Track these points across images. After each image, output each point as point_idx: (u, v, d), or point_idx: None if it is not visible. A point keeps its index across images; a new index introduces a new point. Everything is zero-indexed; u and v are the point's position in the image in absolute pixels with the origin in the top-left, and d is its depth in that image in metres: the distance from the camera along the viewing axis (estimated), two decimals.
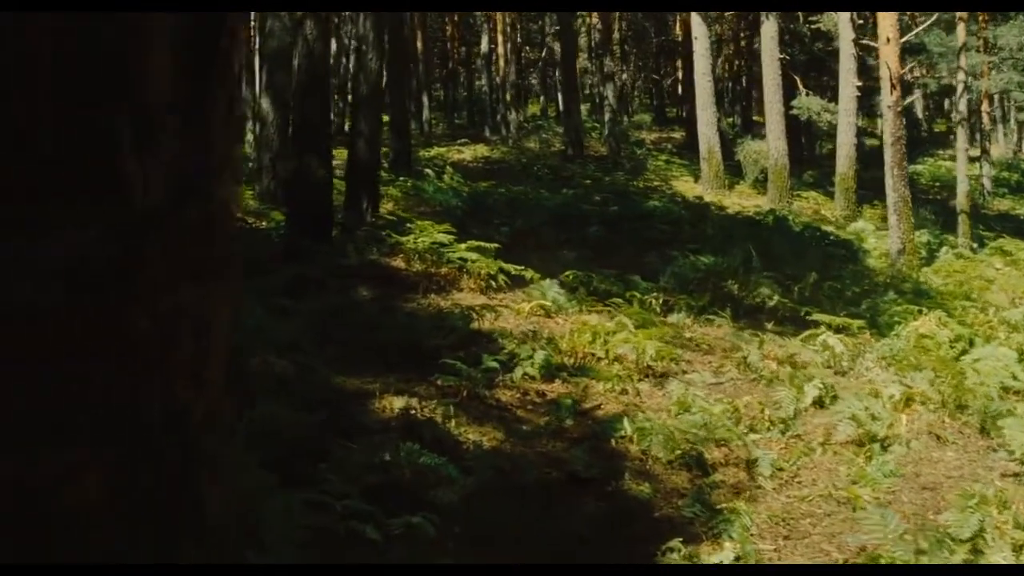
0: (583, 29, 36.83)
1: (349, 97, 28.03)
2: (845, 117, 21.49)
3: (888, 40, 15.47)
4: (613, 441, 6.66)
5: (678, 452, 6.47)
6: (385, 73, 15.74)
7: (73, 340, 1.18)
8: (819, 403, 7.54)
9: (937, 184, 30.43)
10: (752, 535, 5.48)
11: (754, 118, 36.20)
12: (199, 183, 1.28)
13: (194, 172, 1.27)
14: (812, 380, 7.78)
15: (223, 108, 1.30)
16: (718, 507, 5.74)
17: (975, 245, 18.34)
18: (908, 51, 22.76)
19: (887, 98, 15.63)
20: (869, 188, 23.20)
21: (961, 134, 20.02)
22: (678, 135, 33.94)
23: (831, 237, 17.20)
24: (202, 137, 1.28)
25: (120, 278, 1.19)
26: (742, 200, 22.29)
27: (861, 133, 25.25)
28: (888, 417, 6.95)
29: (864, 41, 19.93)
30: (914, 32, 19.71)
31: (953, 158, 32.56)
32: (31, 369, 1.17)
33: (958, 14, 20.20)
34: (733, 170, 24.48)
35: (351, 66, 27.84)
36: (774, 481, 6.28)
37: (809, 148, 31.55)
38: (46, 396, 1.18)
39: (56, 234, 1.15)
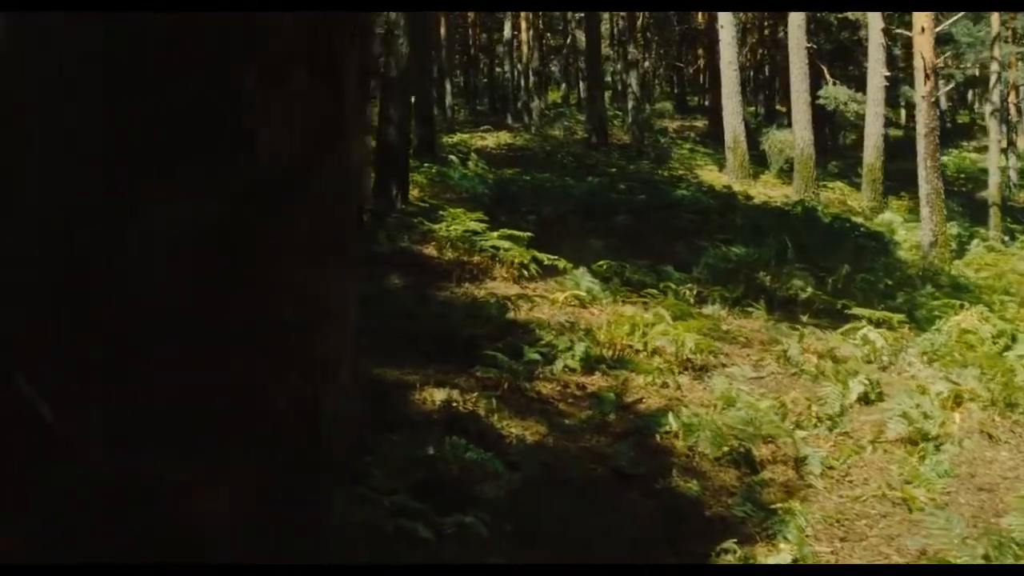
0: (606, 16, 36.57)
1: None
2: (873, 107, 21.25)
3: (923, 29, 15.22)
4: (658, 436, 6.51)
5: (725, 449, 6.32)
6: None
7: (203, 327, 1.03)
8: (864, 399, 7.38)
9: (962, 176, 30.15)
10: (807, 536, 5.33)
11: (776, 107, 35.93)
12: (331, 145, 1.12)
13: (325, 133, 1.11)
14: (857, 376, 7.62)
15: (355, 67, 1.15)
16: (771, 507, 5.59)
17: (1006, 238, 18.11)
18: (936, 41, 22.47)
19: (921, 88, 15.39)
20: (894, 179, 22.96)
21: (993, 125, 19.73)
22: (700, 124, 33.68)
23: (861, 228, 16.98)
24: (334, 96, 1.12)
25: (251, 250, 1.04)
26: (768, 190, 22.08)
27: (885, 123, 24.93)
28: (940, 415, 6.78)
29: (897, 31, 19.66)
30: (949, 22, 19.42)
31: (978, 150, 32.33)
32: (161, 360, 1.03)
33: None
34: (757, 160, 24.27)
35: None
36: (825, 480, 6.13)
37: (832, 138, 31.30)
38: (179, 391, 1.03)
39: (181, 202, 1.00)
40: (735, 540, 5.14)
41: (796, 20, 22.33)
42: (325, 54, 1.09)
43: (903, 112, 35.62)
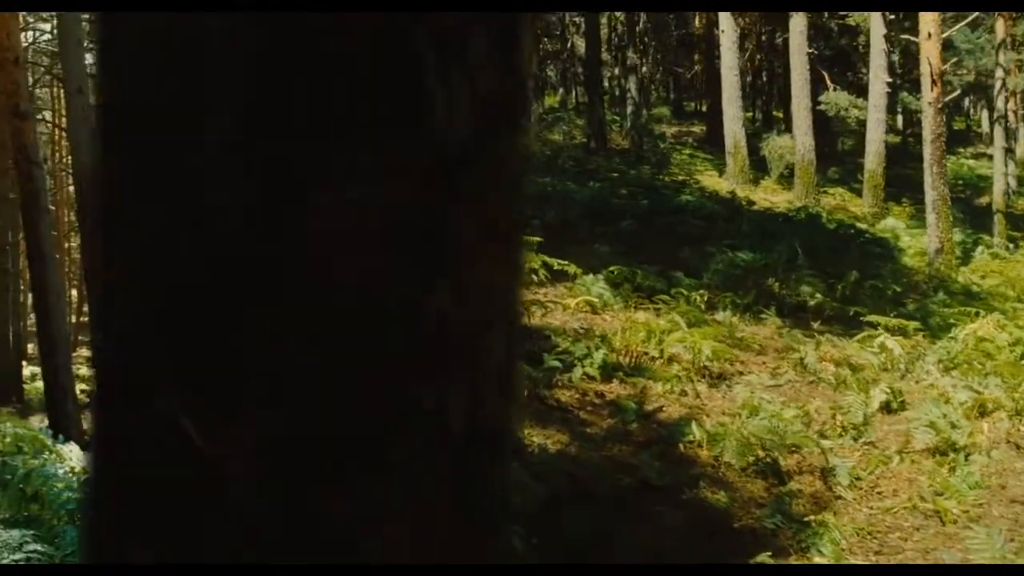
0: (604, 21, 36.51)
1: None
2: (875, 113, 21.15)
3: (929, 35, 15.14)
4: (681, 446, 6.40)
5: (751, 459, 6.20)
6: None
7: (374, 334, 0.89)
8: (886, 408, 7.27)
9: (960, 182, 30.07)
10: (842, 549, 5.22)
11: (773, 113, 35.87)
12: (506, 123, 0.98)
13: (501, 109, 0.97)
14: (878, 384, 7.51)
15: (528, 24, 1.02)
16: (803, 519, 5.48)
17: (1010, 245, 18.03)
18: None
19: (927, 95, 15.31)
20: (893, 185, 22.88)
21: (998, 132, 19.66)
22: (697, 129, 33.59)
23: (866, 235, 16.91)
24: (511, 71, 0.99)
25: (425, 241, 0.90)
26: (769, 195, 21.98)
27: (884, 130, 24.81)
28: (967, 425, 6.67)
29: (903, 36, 19.58)
30: (954, 29, 19.37)
31: (975, 156, 32.30)
32: (327, 376, 0.89)
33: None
34: (756, 165, 24.15)
35: None
36: (853, 491, 6.02)
37: (830, 144, 31.25)
38: (347, 412, 0.90)
39: (349, 187, 0.87)
40: (769, 553, 5.03)
41: (798, 26, 22.26)
42: (504, 26, 0.96)
43: (900, 118, 35.60)
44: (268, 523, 0.90)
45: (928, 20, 15.24)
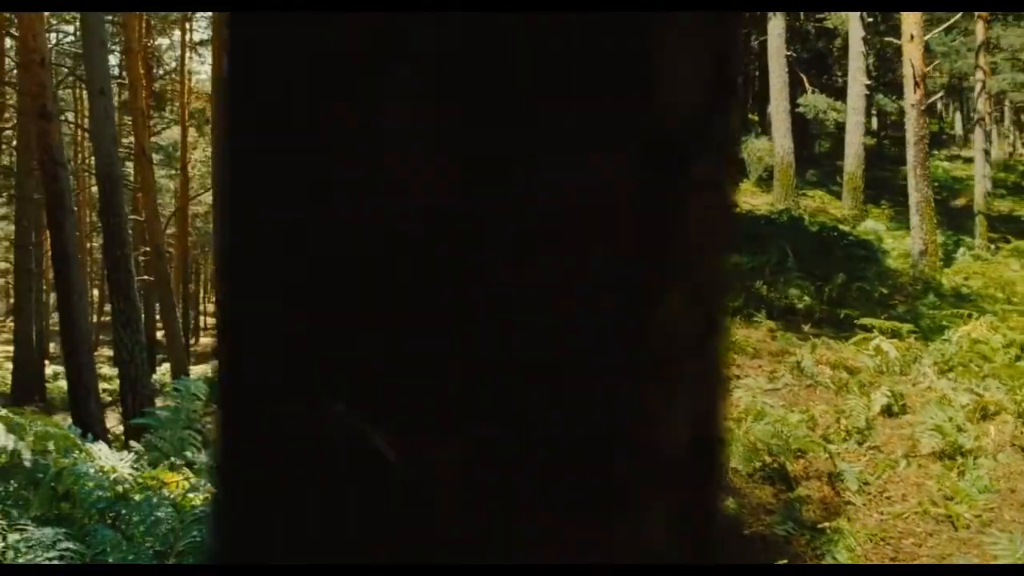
0: None
1: None
2: (854, 116, 21.21)
3: (912, 37, 15.14)
4: None
5: (757, 464, 6.11)
6: None
7: (592, 333, 0.76)
8: (888, 411, 7.20)
9: (936, 184, 30.22)
10: (857, 556, 5.13)
11: (749, 116, 35.99)
12: (724, 97, 0.85)
13: (720, 81, 0.85)
14: (880, 387, 7.44)
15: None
16: (815, 525, 5.38)
17: (991, 247, 18.08)
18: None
19: (910, 96, 15.30)
20: (870, 187, 22.97)
21: (979, 134, 19.71)
22: None
23: (849, 237, 16.89)
24: (728, 35, 0.86)
25: (658, 232, 0.77)
26: (748, 198, 22.00)
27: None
28: (972, 428, 6.60)
29: (887, 39, 19.62)
30: (935, 32, 19.43)
31: (950, 158, 32.52)
32: (535, 378, 0.76)
33: (978, 13, 19.89)
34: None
35: None
36: (862, 496, 5.93)
37: (808, 147, 31.36)
38: (558, 417, 0.76)
39: (568, 161, 0.74)
40: (785, 560, 4.93)
41: (776, 29, 22.28)
42: None
43: (875, 121, 35.84)
44: (474, 541, 0.78)
45: (911, 22, 15.25)
